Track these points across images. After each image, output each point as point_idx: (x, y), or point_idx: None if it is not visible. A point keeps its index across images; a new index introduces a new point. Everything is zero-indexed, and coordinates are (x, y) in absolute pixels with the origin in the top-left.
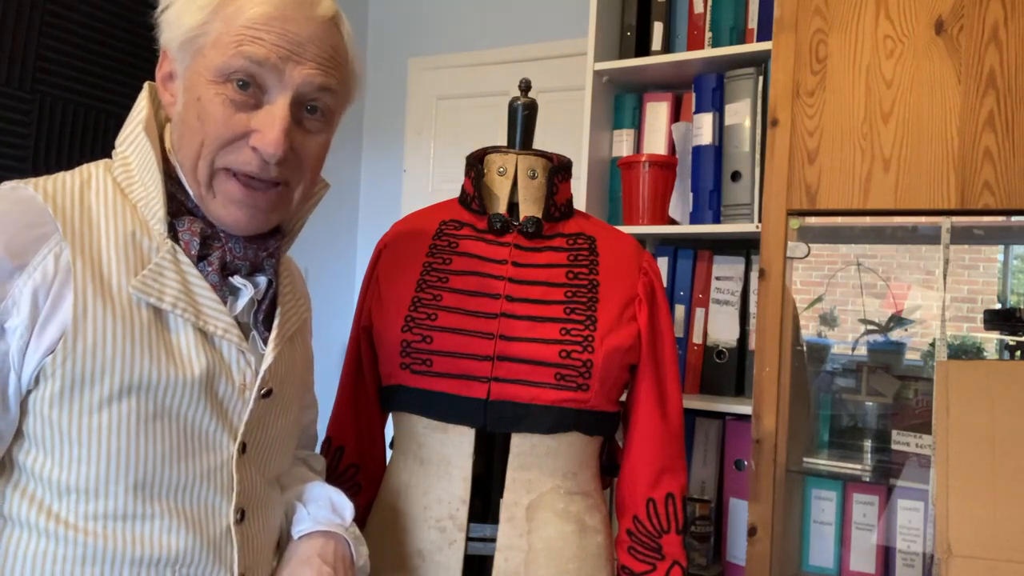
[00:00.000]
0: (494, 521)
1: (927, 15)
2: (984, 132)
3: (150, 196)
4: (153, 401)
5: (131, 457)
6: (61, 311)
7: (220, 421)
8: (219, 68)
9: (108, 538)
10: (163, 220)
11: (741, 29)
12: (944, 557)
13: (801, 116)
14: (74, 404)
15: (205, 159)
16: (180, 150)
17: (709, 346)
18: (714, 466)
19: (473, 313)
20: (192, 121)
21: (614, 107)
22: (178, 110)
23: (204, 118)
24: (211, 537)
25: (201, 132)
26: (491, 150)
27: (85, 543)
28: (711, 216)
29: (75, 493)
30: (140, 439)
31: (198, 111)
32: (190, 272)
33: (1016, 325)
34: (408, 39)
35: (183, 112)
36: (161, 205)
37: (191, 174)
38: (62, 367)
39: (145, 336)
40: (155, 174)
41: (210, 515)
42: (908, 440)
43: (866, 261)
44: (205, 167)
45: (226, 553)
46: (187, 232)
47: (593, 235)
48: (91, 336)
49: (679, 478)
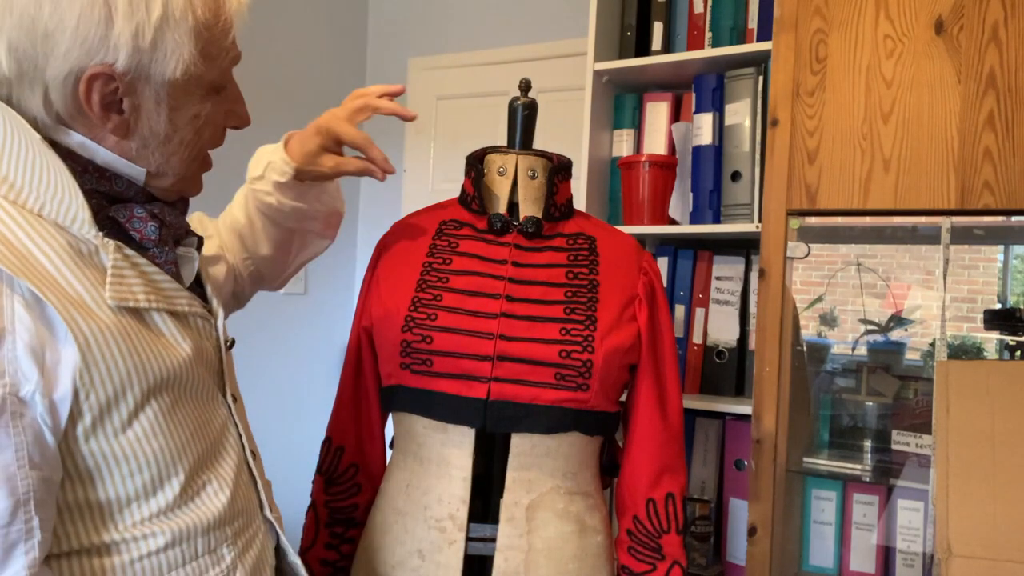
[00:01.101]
0: (494, 521)
1: (927, 15)
2: (984, 132)
3: (62, 205)
4: (169, 395)
5: (172, 451)
6: (63, 352)
7: (214, 384)
8: (214, 83)
9: (176, 522)
10: (89, 221)
11: (741, 29)
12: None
13: (801, 116)
14: (107, 429)
15: (196, 160)
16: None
17: (709, 346)
18: (714, 466)
19: (473, 313)
20: (188, 136)
21: (614, 107)
22: (157, 129)
23: (202, 130)
24: (243, 484)
25: (198, 143)
26: (491, 150)
27: (161, 533)
28: (711, 216)
29: (135, 501)
30: (171, 432)
31: (196, 127)
32: (142, 263)
33: (1016, 325)
34: (408, 39)
35: (168, 130)
36: (80, 205)
37: (165, 174)
38: (87, 402)
39: (142, 340)
40: (66, 182)
41: (236, 466)
42: (908, 440)
43: (866, 261)
44: (196, 164)
45: (253, 492)
46: (135, 220)
47: (593, 235)
48: (102, 362)
49: (679, 478)
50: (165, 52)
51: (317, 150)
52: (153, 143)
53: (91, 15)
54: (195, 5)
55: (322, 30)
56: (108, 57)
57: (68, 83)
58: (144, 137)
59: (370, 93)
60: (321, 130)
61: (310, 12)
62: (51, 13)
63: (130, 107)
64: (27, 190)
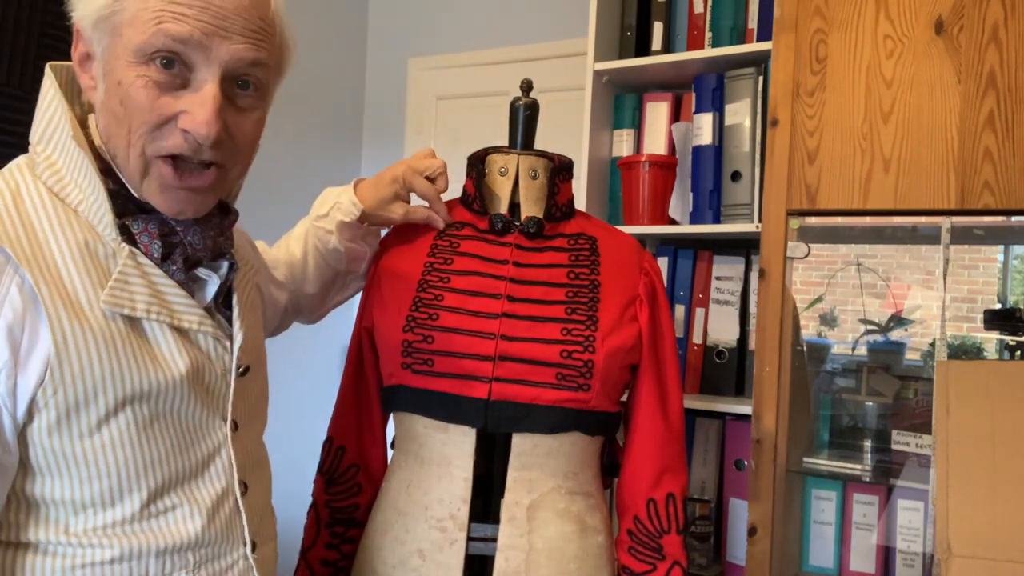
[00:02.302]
0: (495, 521)
1: (927, 15)
2: (984, 132)
3: (90, 200)
4: (147, 408)
5: (137, 465)
6: (40, 342)
7: (210, 408)
8: (139, 48)
9: (130, 538)
10: (112, 224)
11: (741, 29)
12: (944, 557)
13: (801, 116)
14: (72, 429)
15: (135, 147)
16: (108, 140)
17: (709, 346)
18: (714, 466)
19: (474, 313)
20: (115, 108)
21: (614, 107)
22: (100, 97)
23: (127, 103)
24: (223, 516)
25: (127, 119)
26: (492, 150)
27: (111, 546)
28: (711, 216)
29: (91, 507)
30: (142, 446)
31: (120, 96)
32: (154, 273)
33: (1016, 325)
34: (408, 39)
35: (105, 99)
36: (107, 209)
37: (124, 165)
38: (54, 397)
39: (127, 348)
40: (91, 175)
41: (217, 495)
42: (908, 440)
43: (866, 261)
44: (136, 156)
45: (236, 525)
46: (144, 234)
47: (594, 235)
48: (76, 362)
49: (680, 478)
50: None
51: (391, 197)
52: (103, 115)
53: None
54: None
55: (322, 30)
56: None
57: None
58: (101, 103)
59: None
60: (398, 180)
61: (310, 12)
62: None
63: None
64: (72, 186)
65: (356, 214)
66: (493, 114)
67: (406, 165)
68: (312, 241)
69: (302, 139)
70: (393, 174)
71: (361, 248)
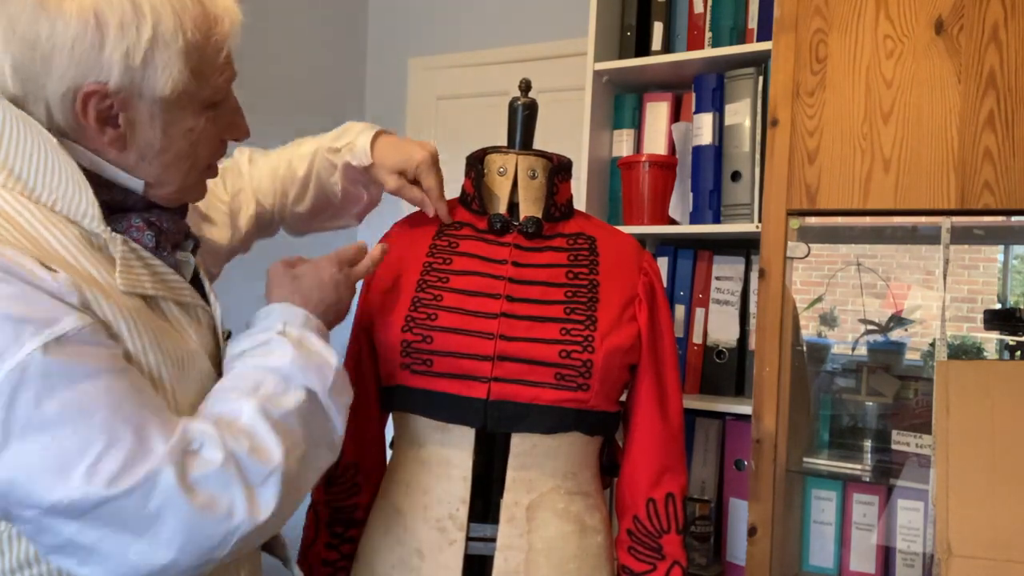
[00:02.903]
0: (494, 521)
1: (927, 15)
2: (984, 132)
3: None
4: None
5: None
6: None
7: (215, 373)
8: (208, 100)
9: None
10: (99, 218)
11: (741, 29)
12: (944, 557)
13: (801, 116)
14: None
15: (196, 171)
16: (162, 172)
17: (709, 346)
18: (714, 466)
19: (473, 313)
20: (183, 148)
21: (614, 107)
22: (153, 142)
23: (197, 144)
24: None
25: (193, 155)
26: (491, 150)
27: None
28: (711, 216)
29: None
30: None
31: (190, 140)
32: (149, 258)
33: (1016, 325)
34: (408, 39)
35: (163, 143)
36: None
37: (173, 184)
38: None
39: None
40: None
41: None
42: (908, 440)
43: (866, 261)
44: (197, 174)
45: None
46: (136, 230)
47: (593, 235)
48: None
49: (679, 478)
50: (156, 71)
51: (396, 168)
52: (149, 155)
53: (84, 37)
54: (185, 28)
55: (322, 30)
56: (101, 76)
57: (66, 100)
58: (141, 149)
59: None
60: (412, 161)
61: (310, 12)
62: (48, 36)
63: (125, 122)
64: (40, 187)
65: (365, 163)
66: (493, 114)
67: (427, 153)
68: (317, 166)
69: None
70: (411, 155)
71: (358, 192)
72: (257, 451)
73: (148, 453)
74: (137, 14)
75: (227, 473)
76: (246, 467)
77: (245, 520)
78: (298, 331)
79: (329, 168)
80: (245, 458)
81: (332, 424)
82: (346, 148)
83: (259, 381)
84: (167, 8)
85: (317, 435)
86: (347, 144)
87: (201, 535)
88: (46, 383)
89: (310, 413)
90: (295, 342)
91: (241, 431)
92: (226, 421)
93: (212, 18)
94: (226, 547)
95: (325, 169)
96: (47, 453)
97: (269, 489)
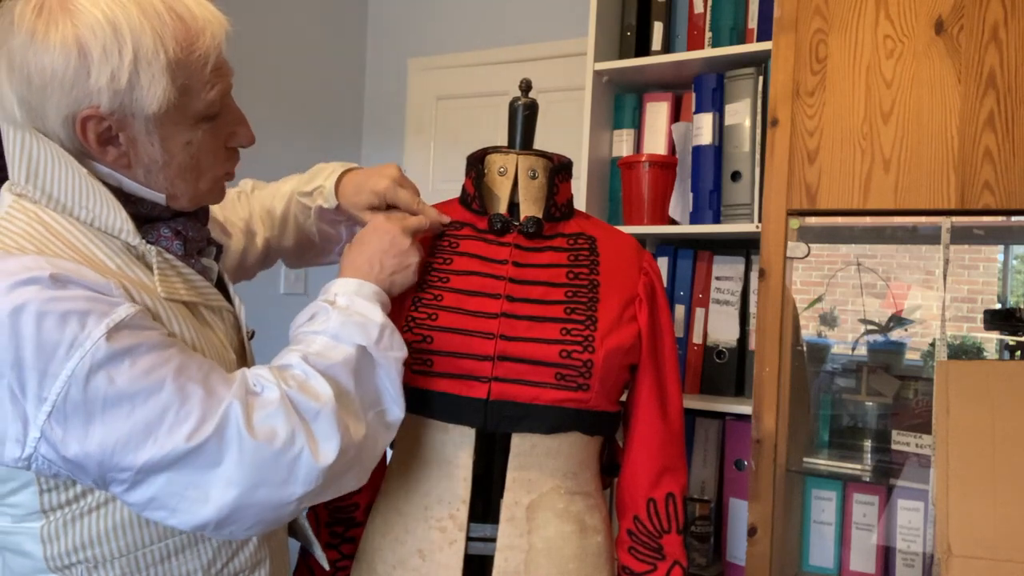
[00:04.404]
0: (494, 521)
1: (927, 15)
2: (984, 132)
3: (103, 215)
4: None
5: None
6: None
7: None
8: (201, 113)
9: None
10: (134, 232)
11: (741, 29)
12: (944, 557)
13: (801, 116)
14: None
15: (207, 180)
16: (171, 185)
17: (709, 346)
18: (714, 466)
19: (473, 313)
20: (186, 162)
21: (614, 107)
22: (155, 157)
23: (200, 155)
24: None
25: (197, 167)
26: (492, 150)
27: None
28: (711, 216)
29: None
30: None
31: (190, 153)
32: (180, 267)
33: (1016, 325)
34: (408, 39)
35: (165, 158)
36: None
37: (184, 194)
38: None
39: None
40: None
41: None
42: (908, 440)
43: (866, 261)
44: (207, 183)
45: None
46: (165, 240)
47: (593, 235)
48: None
49: (679, 478)
50: (143, 90)
51: (364, 205)
52: (155, 169)
53: (71, 66)
54: (166, 45)
55: (322, 30)
56: (93, 100)
57: (68, 126)
58: (146, 165)
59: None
60: (379, 194)
61: (309, 12)
62: (39, 69)
63: (126, 140)
64: (78, 208)
65: (334, 205)
66: (493, 114)
67: (389, 180)
68: (293, 209)
69: (302, 139)
70: (374, 189)
71: (337, 232)
72: (305, 389)
73: (218, 401)
74: (118, 37)
75: (284, 408)
76: (298, 402)
77: (306, 453)
78: (346, 299)
79: (304, 211)
80: (296, 394)
81: (382, 384)
82: (316, 192)
83: (309, 342)
84: (146, 28)
85: (369, 393)
86: (317, 188)
87: (267, 467)
88: (114, 362)
89: (359, 370)
90: (342, 308)
91: (292, 376)
92: (278, 368)
93: (193, 32)
94: (294, 484)
95: (301, 212)
96: (131, 421)
97: (322, 424)
